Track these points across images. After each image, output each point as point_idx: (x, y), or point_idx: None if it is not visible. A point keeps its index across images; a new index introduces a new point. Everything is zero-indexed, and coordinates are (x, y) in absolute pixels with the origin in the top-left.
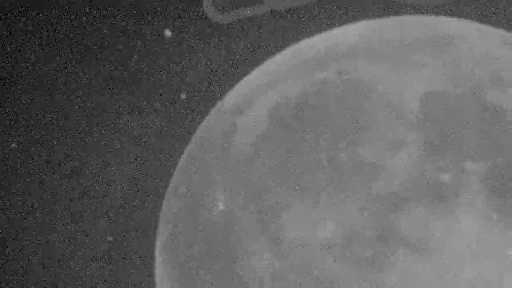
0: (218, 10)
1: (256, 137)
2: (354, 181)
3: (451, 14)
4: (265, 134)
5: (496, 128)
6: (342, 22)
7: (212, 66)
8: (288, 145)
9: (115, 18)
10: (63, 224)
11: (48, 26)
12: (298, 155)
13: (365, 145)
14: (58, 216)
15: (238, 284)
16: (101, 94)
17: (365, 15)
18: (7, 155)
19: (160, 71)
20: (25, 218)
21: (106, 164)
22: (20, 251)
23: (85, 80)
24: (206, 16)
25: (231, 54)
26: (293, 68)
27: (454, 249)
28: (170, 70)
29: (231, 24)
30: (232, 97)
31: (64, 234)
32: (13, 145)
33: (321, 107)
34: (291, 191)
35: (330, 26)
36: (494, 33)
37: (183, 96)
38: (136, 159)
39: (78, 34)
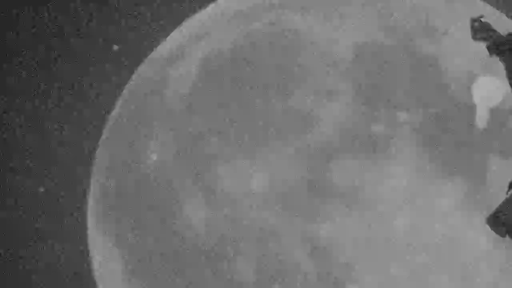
0: None
1: (189, 88)
2: (287, 133)
3: None
4: (198, 85)
5: (429, 78)
6: None
7: (144, 17)
8: (221, 96)
9: None
10: None
11: None
12: (231, 107)
13: (298, 96)
14: None
15: (172, 235)
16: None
17: None
18: None
19: (91, 21)
20: None
21: (41, 115)
22: None
23: None
24: None
25: (163, 5)
26: (225, 19)
27: (386, 199)
28: (102, 21)
29: None
30: (164, 48)
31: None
32: None
33: (254, 59)
34: (225, 143)
35: None
36: None
37: (115, 47)
38: (69, 108)
39: None
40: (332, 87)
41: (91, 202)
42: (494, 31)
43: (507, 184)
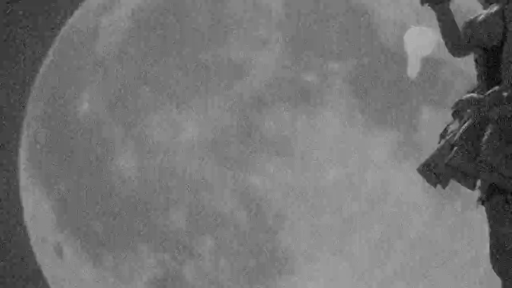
0: None
1: (121, 38)
2: (219, 82)
3: None
4: (130, 34)
5: (361, 28)
6: None
7: None
8: (153, 46)
9: None
10: None
11: None
12: (162, 57)
13: (229, 46)
14: None
15: (103, 185)
16: None
17: None
18: None
19: None
20: None
21: None
22: None
23: None
24: None
25: None
26: None
27: (318, 149)
28: None
29: None
30: None
31: None
32: None
33: (186, 8)
34: (156, 93)
35: None
36: None
37: None
38: None
39: None
40: (264, 37)
41: (22, 153)
42: None
43: (438, 134)
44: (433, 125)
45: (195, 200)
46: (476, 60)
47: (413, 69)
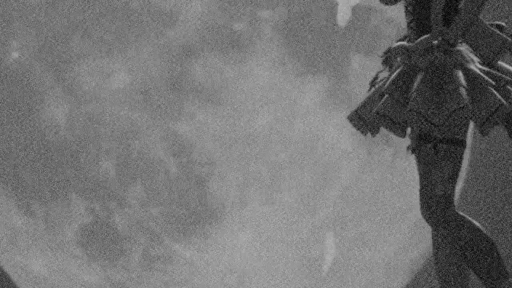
0: None
1: None
2: (148, 30)
3: None
4: None
5: None
6: None
7: None
8: None
9: None
10: None
11: None
12: (92, 5)
13: None
14: None
15: (33, 134)
16: None
17: None
18: None
19: None
20: None
21: None
22: None
23: None
24: None
25: None
26: None
27: (247, 97)
28: None
29: None
30: None
31: None
32: None
33: None
34: (86, 41)
35: None
36: None
37: None
38: None
39: None
40: None
41: None
42: None
43: (368, 82)
44: (363, 73)
45: (125, 148)
46: (406, 8)
47: (343, 16)
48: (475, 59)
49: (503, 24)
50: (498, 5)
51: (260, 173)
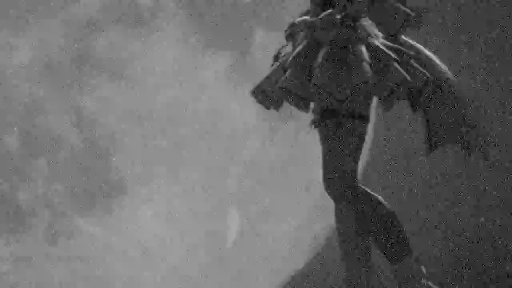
0: None
1: None
2: (52, 4)
3: None
4: None
5: None
6: None
7: None
8: None
9: None
10: None
11: None
12: None
13: None
14: None
15: None
16: None
17: None
18: None
19: None
20: None
21: None
22: None
23: None
24: None
25: None
26: None
27: (150, 72)
28: None
29: None
30: None
31: None
32: None
33: None
34: None
35: None
36: None
37: None
38: None
39: None
40: None
41: None
42: None
43: (271, 57)
44: (267, 47)
45: (28, 122)
46: None
47: None
48: (379, 34)
49: None
50: None
51: (163, 148)
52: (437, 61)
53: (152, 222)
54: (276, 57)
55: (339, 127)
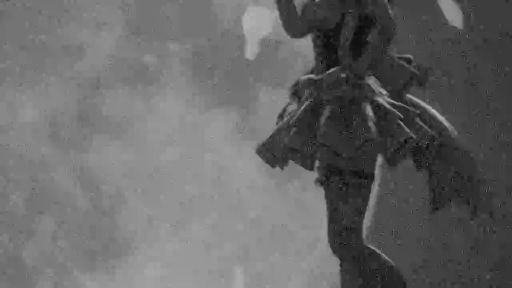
0: None
1: None
2: (58, 63)
3: None
4: None
5: (199, 9)
6: None
7: None
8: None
9: None
10: None
11: None
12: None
13: (68, 26)
14: None
15: None
16: None
17: None
18: None
19: None
20: None
21: None
22: None
23: None
24: None
25: None
26: None
27: (156, 130)
28: None
29: None
30: None
31: None
32: None
33: None
34: None
35: None
36: None
37: None
38: None
39: None
40: (103, 18)
41: None
42: None
43: (276, 115)
44: (272, 106)
45: (33, 180)
46: (314, 41)
47: (251, 50)
48: (384, 92)
49: (411, 57)
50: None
51: (168, 206)
52: (442, 119)
53: (156, 281)
54: (281, 116)
55: (344, 185)
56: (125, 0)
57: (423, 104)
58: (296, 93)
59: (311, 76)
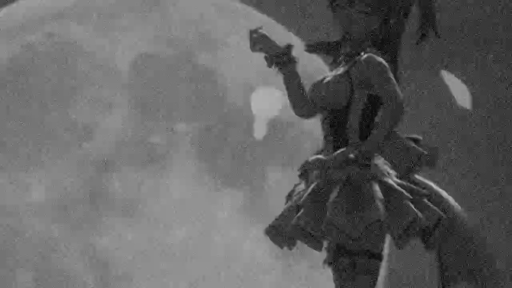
0: None
1: None
2: (66, 143)
3: None
4: None
5: (208, 89)
6: None
7: None
8: (1, 109)
9: None
10: None
11: None
12: (10, 117)
13: (77, 106)
14: None
15: None
16: None
17: None
18: None
19: None
20: None
21: None
22: None
23: None
24: None
25: None
26: (4, 30)
27: (164, 211)
28: None
29: None
30: None
31: None
32: None
33: (32, 69)
34: (3, 154)
35: None
36: None
37: None
38: None
39: None
40: (111, 98)
41: None
42: (272, 42)
43: (285, 195)
44: (280, 186)
45: (42, 261)
46: (322, 121)
47: (260, 130)
48: (392, 172)
49: (419, 137)
50: None
51: (176, 286)
52: (450, 199)
53: None
54: (290, 196)
55: (352, 265)
56: (132, 80)
57: (430, 184)
58: (304, 173)
59: (320, 156)
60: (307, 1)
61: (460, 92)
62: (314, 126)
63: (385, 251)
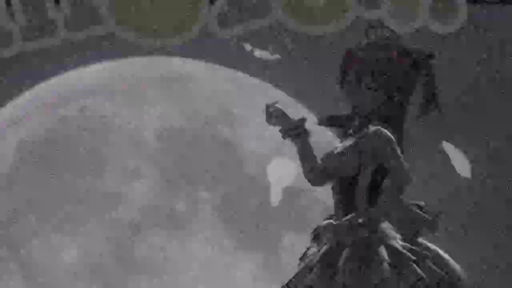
0: None
1: (7, 169)
2: (96, 210)
3: (183, 55)
4: (16, 166)
5: (228, 160)
6: (80, 63)
7: None
8: (37, 177)
9: None
10: None
11: None
12: (46, 186)
13: (105, 175)
14: None
15: None
16: None
17: (100, 57)
18: None
19: None
20: None
21: None
22: None
23: None
24: None
25: None
26: (40, 105)
27: (188, 273)
28: None
29: None
30: None
31: None
32: None
33: (66, 142)
34: (40, 219)
35: (68, 68)
36: (220, 71)
37: None
38: None
39: None
40: (138, 167)
41: None
42: (287, 116)
43: (298, 257)
44: (294, 249)
45: None
46: (333, 189)
47: (275, 197)
48: (397, 236)
49: (422, 203)
50: None
51: None
52: (451, 261)
53: None
54: (303, 258)
55: None
56: (158, 151)
57: (433, 246)
58: (317, 237)
59: (331, 221)
60: (320, 78)
61: (459, 161)
62: (325, 193)
63: None
